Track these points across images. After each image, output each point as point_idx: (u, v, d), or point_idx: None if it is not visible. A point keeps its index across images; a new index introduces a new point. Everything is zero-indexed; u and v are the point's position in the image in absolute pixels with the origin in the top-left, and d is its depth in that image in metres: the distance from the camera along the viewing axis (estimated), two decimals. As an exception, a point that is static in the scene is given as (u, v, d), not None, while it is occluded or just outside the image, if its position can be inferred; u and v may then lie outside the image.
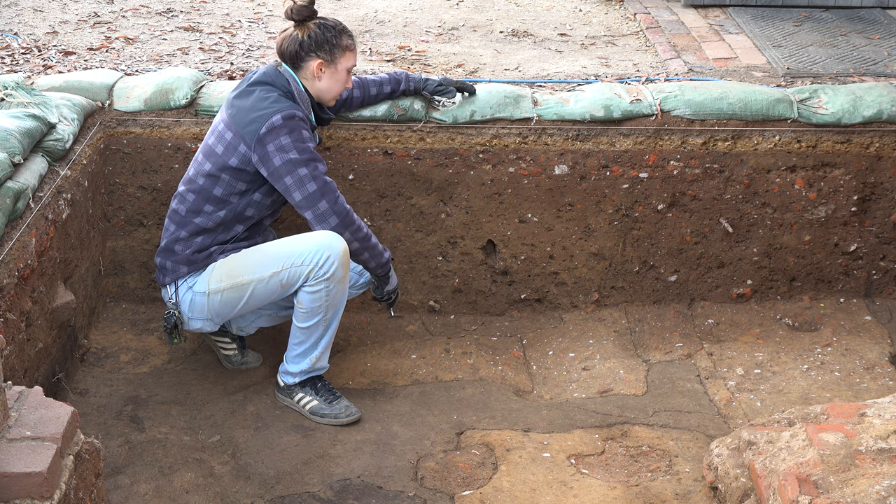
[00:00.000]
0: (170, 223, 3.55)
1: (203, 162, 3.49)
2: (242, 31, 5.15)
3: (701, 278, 4.28)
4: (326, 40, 3.47)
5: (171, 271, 3.53)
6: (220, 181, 3.46)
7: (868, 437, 2.56)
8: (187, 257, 3.50)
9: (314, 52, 3.48)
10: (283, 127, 3.36)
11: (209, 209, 3.48)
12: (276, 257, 3.44)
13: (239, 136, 3.41)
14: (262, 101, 3.41)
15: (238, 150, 3.41)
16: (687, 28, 5.34)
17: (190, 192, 3.50)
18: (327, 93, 3.58)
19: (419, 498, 3.20)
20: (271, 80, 3.47)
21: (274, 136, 3.36)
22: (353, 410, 3.58)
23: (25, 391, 2.21)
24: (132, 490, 3.17)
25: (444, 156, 4.03)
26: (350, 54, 3.53)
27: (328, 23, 3.50)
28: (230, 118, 3.46)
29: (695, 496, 3.20)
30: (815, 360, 3.99)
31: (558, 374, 3.95)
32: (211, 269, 3.50)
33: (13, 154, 3.29)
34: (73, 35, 5.00)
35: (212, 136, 3.51)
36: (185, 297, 3.54)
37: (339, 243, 3.41)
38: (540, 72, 4.65)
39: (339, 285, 3.46)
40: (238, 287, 3.48)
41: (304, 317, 3.51)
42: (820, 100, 4.10)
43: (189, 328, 3.61)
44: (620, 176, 4.08)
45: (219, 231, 3.51)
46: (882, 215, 4.22)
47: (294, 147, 3.36)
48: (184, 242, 3.50)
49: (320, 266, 3.40)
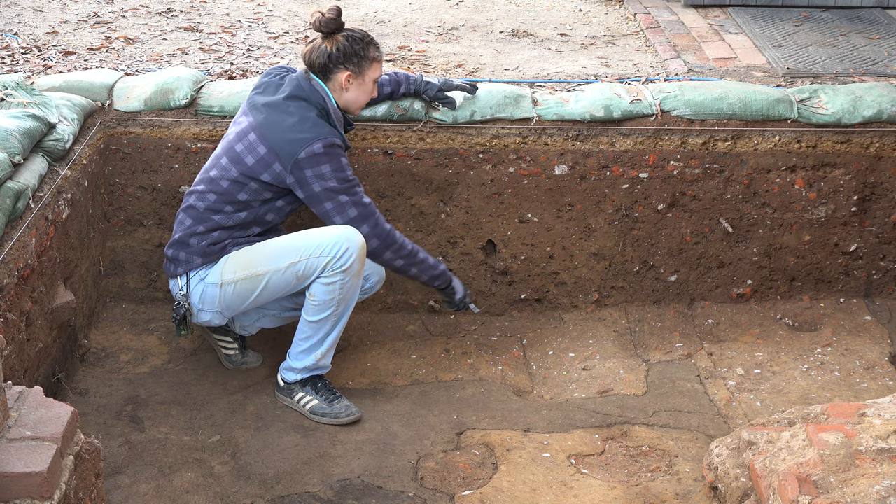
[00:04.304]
0: (186, 217, 3.55)
1: (228, 167, 3.48)
2: (242, 31, 5.15)
3: (701, 278, 4.28)
4: (355, 52, 3.50)
5: (184, 262, 3.53)
6: (246, 188, 3.48)
7: (868, 437, 2.56)
8: (203, 249, 3.50)
9: (343, 64, 3.50)
10: (324, 155, 3.40)
11: (229, 210, 3.50)
12: (293, 248, 3.46)
13: (274, 154, 3.42)
14: (302, 122, 3.42)
15: (272, 167, 3.43)
16: (687, 28, 5.34)
17: (212, 192, 3.50)
18: (354, 103, 3.61)
19: (419, 498, 3.20)
20: (306, 94, 3.47)
21: (313, 163, 3.39)
22: (354, 410, 3.58)
23: (25, 391, 2.21)
24: (132, 490, 3.17)
25: (444, 156, 4.03)
26: (377, 65, 3.57)
27: (356, 35, 3.52)
28: (262, 129, 3.44)
29: (695, 496, 3.20)
30: (815, 360, 3.99)
31: (558, 374, 3.95)
32: (224, 260, 3.51)
33: (13, 154, 3.30)
34: (73, 35, 5.00)
35: (239, 141, 3.48)
36: (197, 289, 3.53)
37: (357, 237, 3.44)
38: (540, 72, 4.65)
39: (354, 279, 3.48)
40: (253, 278, 3.48)
41: (315, 310, 3.51)
42: (820, 100, 4.10)
43: (197, 321, 3.60)
44: (620, 176, 4.08)
45: (236, 229, 3.53)
46: (882, 215, 4.22)
47: (334, 175, 3.41)
48: (200, 236, 3.51)
49: (338, 258, 3.42)
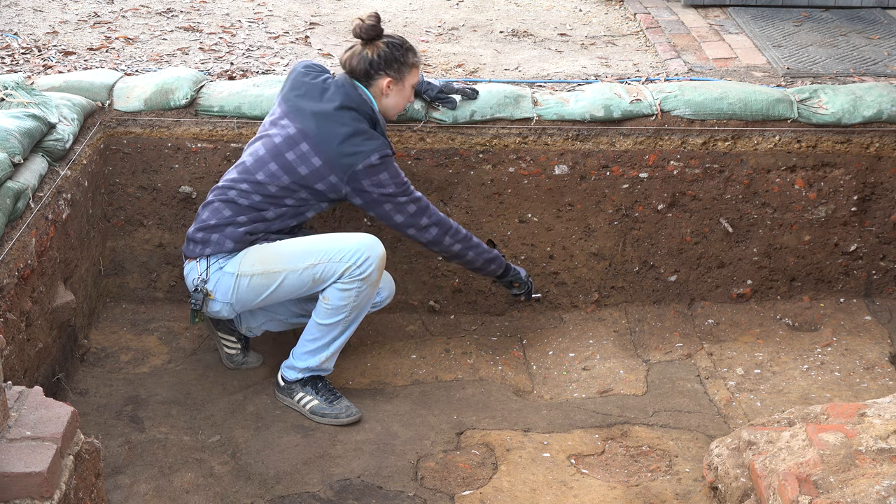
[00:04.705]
0: (225, 208, 3.52)
1: (279, 174, 3.48)
2: (242, 31, 5.15)
3: (701, 278, 4.28)
4: (395, 59, 3.53)
5: (214, 244, 3.50)
6: (296, 195, 3.50)
7: (868, 437, 2.56)
8: (239, 236, 3.49)
9: (384, 70, 3.53)
10: (381, 165, 3.46)
11: (273, 210, 3.52)
12: (314, 251, 3.47)
13: (329, 166, 3.45)
14: (356, 134, 3.45)
15: (328, 179, 3.46)
16: (687, 28, 5.34)
17: (257, 193, 3.50)
18: (393, 109, 3.63)
19: (419, 498, 3.20)
20: (356, 104, 3.49)
21: (371, 173, 3.45)
22: (354, 410, 3.58)
23: (25, 391, 2.21)
24: (132, 490, 3.17)
25: (444, 156, 4.03)
26: (415, 71, 3.60)
27: (395, 41, 3.55)
28: (317, 141, 3.45)
29: (695, 496, 3.20)
30: (815, 360, 3.99)
31: (558, 374, 3.95)
32: (245, 252, 3.51)
33: (13, 154, 3.30)
34: (73, 35, 5.00)
35: (290, 150, 3.48)
36: (214, 276, 3.52)
37: (379, 247, 3.48)
38: (540, 72, 4.65)
39: (370, 289, 3.50)
40: (269, 274, 3.48)
41: (327, 313, 3.52)
42: (820, 100, 4.10)
43: (208, 309, 3.59)
44: (620, 176, 4.08)
45: (275, 223, 3.53)
46: (882, 215, 4.22)
47: (392, 181, 3.48)
48: (239, 226, 3.51)
49: (358, 265, 3.43)
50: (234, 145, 4.00)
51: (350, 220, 4.09)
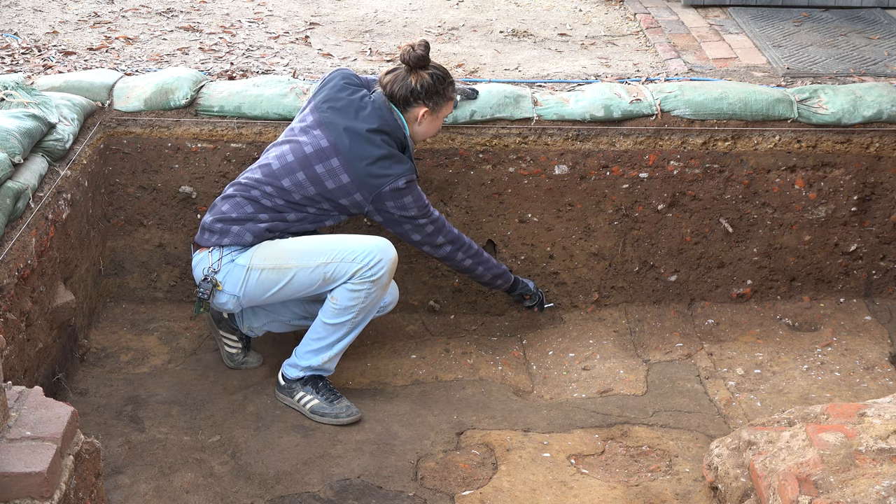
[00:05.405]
0: (248, 204, 3.53)
1: (306, 184, 3.49)
2: (242, 31, 5.15)
3: (701, 278, 4.28)
4: (437, 91, 3.56)
5: (233, 234, 3.51)
6: (318, 205, 3.53)
7: (868, 437, 2.56)
8: (258, 231, 3.51)
9: (423, 100, 3.55)
10: (406, 189, 3.50)
11: (295, 214, 3.54)
12: (326, 249, 3.48)
13: (356, 184, 3.48)
14: (387, 158, 3.48)
15: (353, 196, 3.50)
16: (687, 28, 5.34)
17: (280, 198, 3.51)
18: (422, 135, 3.67)
19: (419, 498, 3.20)
20: (390, 128, 3.52)
21: (396, 196, 3.49)
22: (354, 410, 3.58)
23: (25, 391, 2.21)
24: (132, 490, 3.17)
25: (444, 156, 4.03)
26: (450, 104, 3.64)
27: (439, 74, 3.57)
28: (348, 159, 3.46)
29: (695, 496, 3.20)
30: (815, 360, 3.99)
31: (558, 374, 3.95)
32: (258, 246, 3.52)
33: (13, 154, 3.30)
34: (73, 35, 5.00)
35: (319, 162, 3.49)
36: (225, 267, 3.52)
37: (391, 251, 3.50)
38: (540, 72, 4.65)
39: (380, 291, 3.52)
40: (280, 269, 3.49)
41: (334, 313, 3.53)
42: (820, 100, 4.10)
43: (214, 301, 3.58)
44: (620, 176, 4.08)
45: (294, 225, 3.56)
46: (882, 215, 4.22)
47: (415, 205, 3.54)
48: (259, 222, 3.52)
49: (370, 267, 3.45)
50: (234, 145, 4.00)
51: (359, 219, 4.09)
